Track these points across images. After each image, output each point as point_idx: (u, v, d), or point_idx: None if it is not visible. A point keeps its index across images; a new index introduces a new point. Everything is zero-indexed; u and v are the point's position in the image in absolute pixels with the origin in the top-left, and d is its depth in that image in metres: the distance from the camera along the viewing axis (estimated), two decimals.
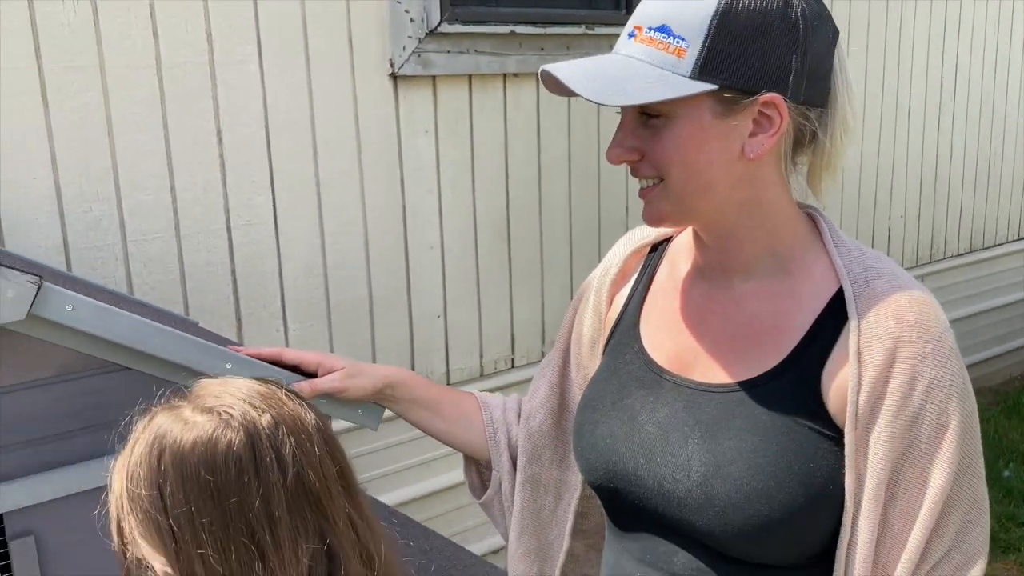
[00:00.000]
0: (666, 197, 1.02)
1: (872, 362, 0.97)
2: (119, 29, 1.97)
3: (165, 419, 0.79)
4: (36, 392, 1.05)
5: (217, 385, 0.82)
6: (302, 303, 2.32)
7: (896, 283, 1.01)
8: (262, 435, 0.77)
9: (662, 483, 1.04)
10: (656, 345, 1.13)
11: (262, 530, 0.75)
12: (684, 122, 0.98)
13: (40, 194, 1.93)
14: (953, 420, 0.97)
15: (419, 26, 2.38)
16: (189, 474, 0.75)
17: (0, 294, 0.95)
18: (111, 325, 1.05)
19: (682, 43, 0.96)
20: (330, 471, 0.80)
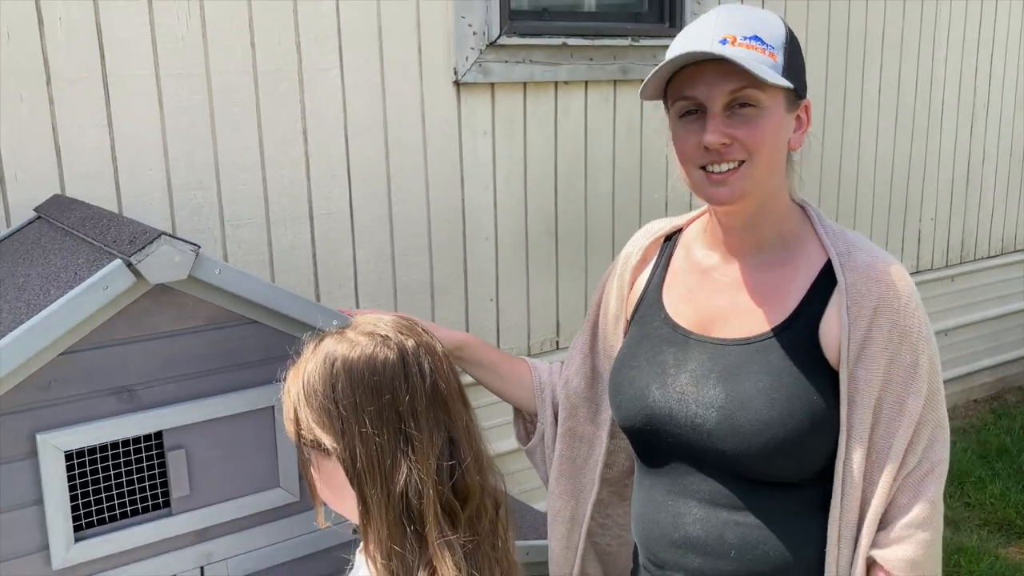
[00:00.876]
0: (750, 176, 1.26)
1: (858, 316, 1.26)
2: (223, 41, 2.27)
3: (332, 341, 1.05)
4: (191, 337, 1.34)
5: (372, 317, 1.08)
6: (372, 284, 2.61)
7: (872, 254, 1.30)
8: (409, 352, 1.03)
9: (694, 420, 1.31)
10: (679, 313, 1.40)
11: (408, 418, 1.00)
12: (772, 112, 1.25)
13: (153, 183, 2.24)
14: (922, 359, 1.26)
15: (480, 38, 2.66)
16: (356, 376, 1.00)
17: (170, 259, 1.24)
18: (247, 287, 1.34)
19: (773, 50, 1.24)
20: (454, 386, 1.06)
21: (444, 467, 1.01)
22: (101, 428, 1.29)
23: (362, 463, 0.99)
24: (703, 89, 1.24)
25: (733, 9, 1.26)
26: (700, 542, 1.31)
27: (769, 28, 1.25)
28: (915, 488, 1.27)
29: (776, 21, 1.27)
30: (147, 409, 1.32)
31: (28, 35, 2.04)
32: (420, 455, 0.99)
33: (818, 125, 3.63)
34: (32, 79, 2.06)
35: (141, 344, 1.30)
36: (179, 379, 1.34)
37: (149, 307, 1.30)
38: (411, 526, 0.98)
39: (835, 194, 3.73)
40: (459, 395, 1.07)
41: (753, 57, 1.22)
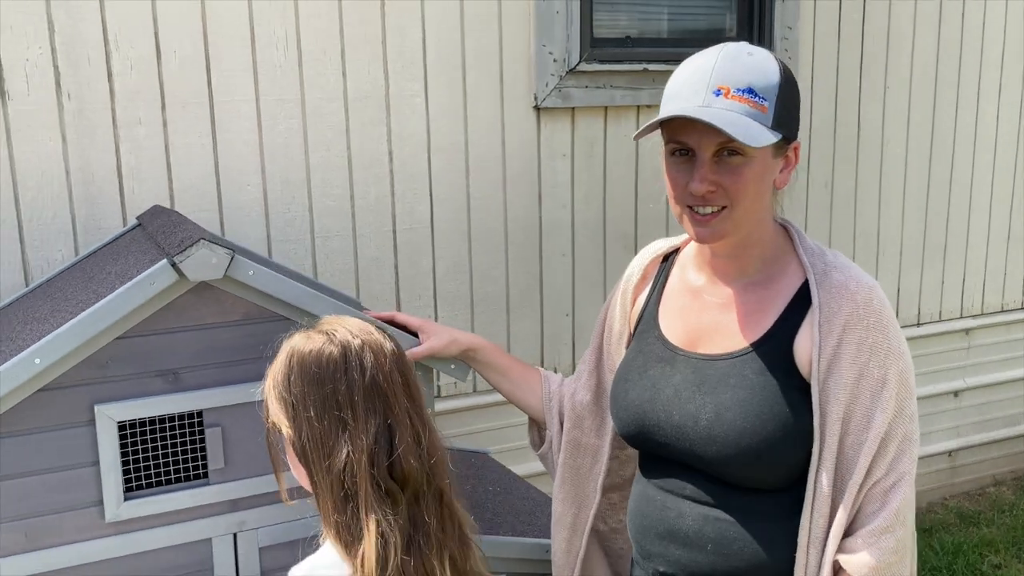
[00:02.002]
0: (731, 219, 1.35)
1: (830, 332, 1.33)
2: (316, 70, 2.51)
3: (297, 338, 1.22)
4: (229, 329, 1.54)
5: (334, 319, 1.25)
6: (450, 295, 2.79)
7: (847, 273, 1.36)
8: (352, 350, 1.18)
9: (678, 429, 1.40)
10: (671, 330, 1.49)
11: (346, 407, 1.15)
12: (758, 161, 1.33)
13: (251, 198, 2.50)
14: (891, 374, 1.32)
15: (561, 65, 2.80)
16: (305, 369, 1.17)
17: (208, 260, 1.45)
18: (278, 287, 1.54)
19: (764, 102, 1.31)
20: (396, 380, 1.20)
21: (379, 451, 1.15)
22: (149, 404, 1.50)
23: (308, 445, 1.15)
24: (694, 138, 1.32)
25: (733, 53, 1.33)
26: (682, 535, 1.40)
27: (764, 76, 1.31)
28: (881, 498, 1.31)
29: (772, 67, 1.32)
30: (189, 390, 1.53)
31: (148, 67, 2.34)
32: (355, 439, 1.14)
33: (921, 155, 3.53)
34: (150, 104, 2.35)
35: (186, 333, 1.51)
36: (218, 366, 1.55)
37: (193, 302, 1.51)
38: (350, 501, 1.13)
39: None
40: (403, 389, 1.20)
41: (743, 112, 1.29)
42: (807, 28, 3.21)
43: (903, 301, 3.64)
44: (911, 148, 3.52)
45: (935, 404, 3.79)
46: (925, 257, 3.66)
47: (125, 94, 2.33)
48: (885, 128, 3.45)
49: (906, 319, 3.66)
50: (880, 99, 3.42)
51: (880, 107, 3.42)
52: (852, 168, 3.41)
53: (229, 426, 1.57)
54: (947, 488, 3.94)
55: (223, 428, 1.57)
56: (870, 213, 3.48)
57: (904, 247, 3.60)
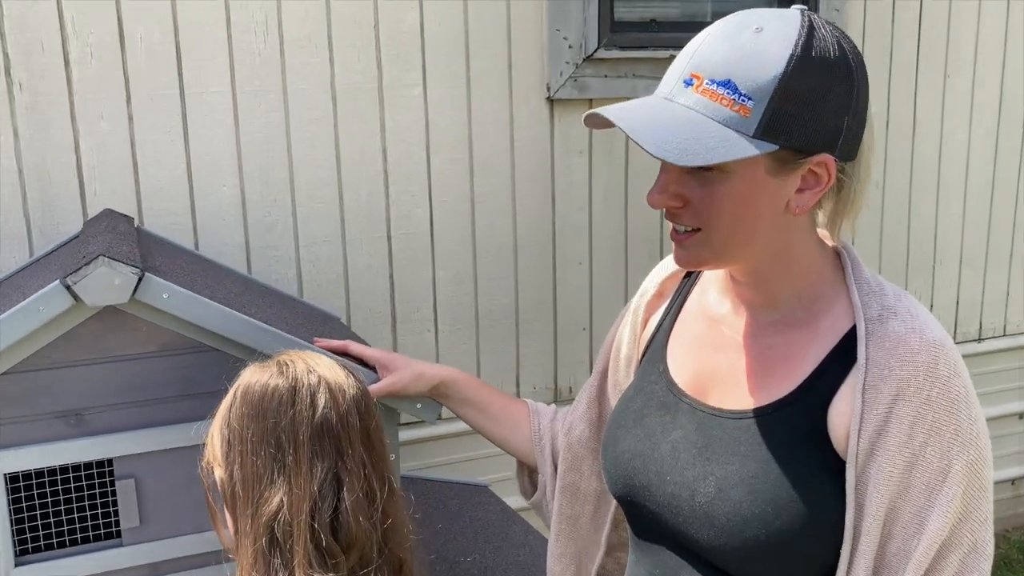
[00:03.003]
0: (707, 245, 1.04)
1: (876, 401, 0.99)
2: (300, 57, 2.26)
3: (251, 368, 1.10)
4: (145, 362, 1.29)
5: (295, 354, 1.12)
6: (452, 308, 2.51)
7: (910, 324, 1.01)
8: (304, 385, 1.05)
9: (671, 500, 1.10)
10: (679, 368, 1.19)
11: (288, 445, 1.01)
12: (739, 179, 1.00)
13: (228, 200, 2.25)
14: (956, 466, 0.98)
15: (576, 52, 2.51)
16: (248, 399, 1.04)
17: (109, 281, 1.19)
18: (199, 312, 1.28)
19: (748, 102, 0.95)
20: (354, 424, 1.05)
21: (322, 502, 0.98)
22: (46, 452, 1.26)
23: (238, 485, 1.02)
24: None
25: (732, 28, 1.00)
26: None
27: (758, 66, 0.96)
28: None
29: (779, 53, 0.96)
30: (97, 435, 1.29)
31: (110, 54, 2.10)
32: (295, 485, 1.00)
33: None
34: (113, 97, 2.12)
35: (91, 367, 1.26)
36: (132, 405, 1.29)
37: (100, 330, 1.26)
38: (277, 558, 0.96)
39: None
40: (361, 437, 1.05)
41: (710, 112, 0.96)
42: (857, 10, 2.88)
43: (963, 314, 3.29)
44: (974, 144, 3.16)
45: (998, 427, 3.43)
46: (988, 265, 3.30)
47: (85, 85, 2.09)
48: (944, 122, 3.10)
49: (966, 334, 3.31)
50: (939, 89, 3.06)
51: (939, 98, 3.07)
52: (907, 166, 3.07)
53: (145, 477, 1.32)
54: (1010, 519, 3.57)
55: (138, 479, 1.31)
56: (927, 216, 3.14)
57: (965, 254, 3.24)
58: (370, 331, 2.42)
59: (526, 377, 2.63)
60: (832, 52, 0.97)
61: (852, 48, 1.01)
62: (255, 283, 1.97)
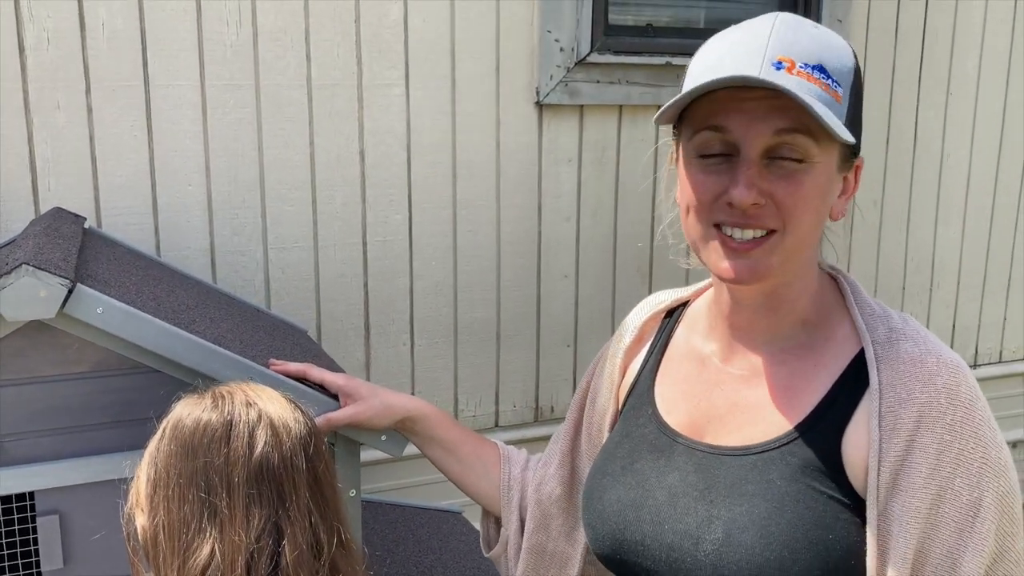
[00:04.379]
0: (781, 250, 0.95)
1: (895, 430, 0.90)
2: (275, 51, 2.12)
3: (184, 401, 0.97)
4: (73, 384, 1.16)
5: (236, 385, 1.00)
6: (430, 320, 2.38)
7: (924, 345, 0.93)
8: (241, 420, 0.92)
9: (670, 552, 0.99)
10: (670, 409, 1.08)
11: (220, 488, 0.89)
12: (822, 170, 0.94)
13: (192, 199, 2.11)
14: (987, 497, 0.89)
15: (568, 55, 2.38)
16: (178, 435, 0.92)
17: (34, 293, 1.05)
18: (137, 330, 1.14)
19: (838, 88, 0.93)
20: (300, 467, 0.93)
21: (259, 556, 0.86)
22: None
23: (162, 533, 0.89)
24: (741, 123, 0.92)
25: (796, 21, 0.94)
26: None
27: (838, 56, 0.93)
28: None
29: (845, 47, 0.95)
30: (15, 465, 1.14)
31: (69, 41, 1.96)
32: (228, 535, 0.87)
33: None
34: (71, 87, 1.98)
35: (11, 389, 1.12)
36: (57, 432, 1.15)
37: (23, 347, 1.12)
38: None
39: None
40: (308, 481, 0.92)
41: (815, 94, 0.90)
42: (859, 22, 2.77)
43: (959, 338, 3.18)
44: (975, 163, 3.06)
45: None
46: (987, 288, 3.20)
47: (40, 73, 1.95)
48: (946, 139, 3.00)
49: None
50: (942, 106, 2.96)
51: (941, 115, 2.97)
52: (906, 184, 2.96)
53: (71, 513, 1.18)
54: None
55: (62, 515, 1.17)
56: (925, 236, 3.03)
57: (963, 276, 3.14)
58: (342, 343, 2.29)
59: (506, 394, 2.50)
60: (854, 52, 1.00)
61: None
62: (216, 292, 1.83)
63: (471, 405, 2.46)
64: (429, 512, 2.03)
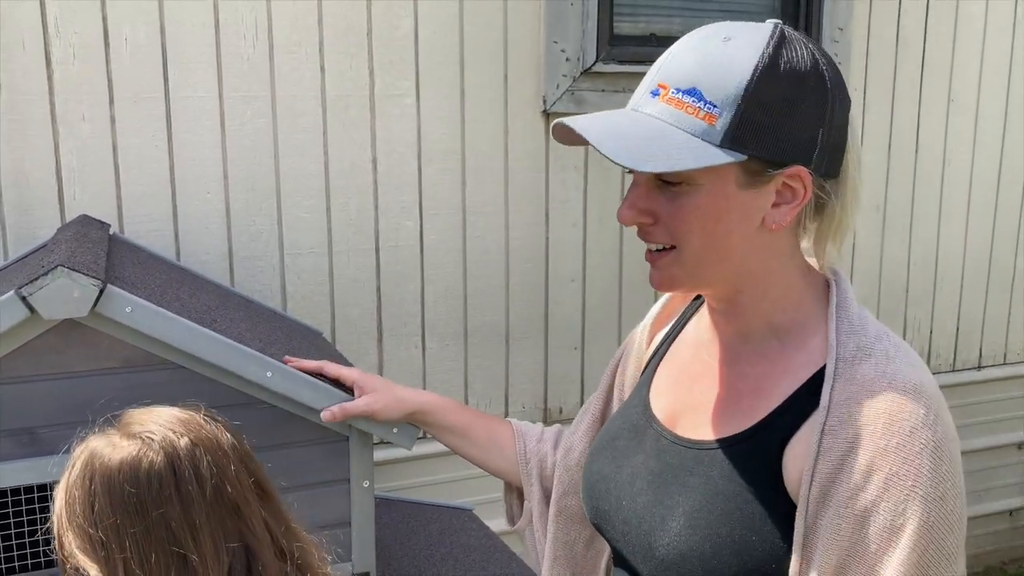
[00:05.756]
0: (679, 264, 1.00)
1: (831, 448, 0.92)
2: (290, 64, 2.20)
3: (96, 444, 0.90)
4: (103, 379, 1.22)
5: (142, 413, 0.93)
6: (440, 324, 2.45)
7: (883, 367, 0.94)
8: (180, 454, 0.87)
9: (624, 527, 1.07)
10: (659, 393, 1.14)
11: (185, 536, 0.84)
12: (708, 191, 0.96)
13: (211, 207, 2.19)
14: (911, 524, 0.88)
15: (574, 65, 2.45)
16: (115, 491, 0.85)
17: (68, 293, 1.13)
18: (164, 328, 1.21)
19: (713, 110, 0.93)
20: (246, 483, 0.89)
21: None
22: None
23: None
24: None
25: (702, 38, 0.97)
26: None
27: (724, 74, 0.93)
28: None
29: (746, 61, 0.93)
30: (51, 455, 1.21)
31: (94, 55, 2.04)
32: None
33: None
34: (96, 99, 2.06)
35: (46, 383, 1.19)
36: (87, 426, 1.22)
37: (57, 344, 1.19)
38: None
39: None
40: (254, 491, 0.90)
41: (675, 121, 0.93)
42: (861, 30, 2.83)
43: (963, 341, 3.22)
44: (977, 167, 3.11)
45: (996, 457, 3.36)
46: (990, 290, 3.24)
47: (66, 86, 2.03)
48: (948, 144, 3.05)
49: (966, 361, 3.24)
50: (943, 112, 3.01)
51: (943, 120, 3.02)
52: (908, 188, 3.01)
53: None
54: (1007, 551, 3.50)
55: None
56: (928, 239, 3.08)
57: (966, 278, 3.18)
58: (355, 346, 2.35)
59: (515, 396, 2.56)
60: (804, 63, 0.95)
61: (829, 63, 0.98)
62: (235, 295, 1.90)
63: (481, 406, 2.52)
64: (440, 509, 2.09)
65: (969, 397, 3.25)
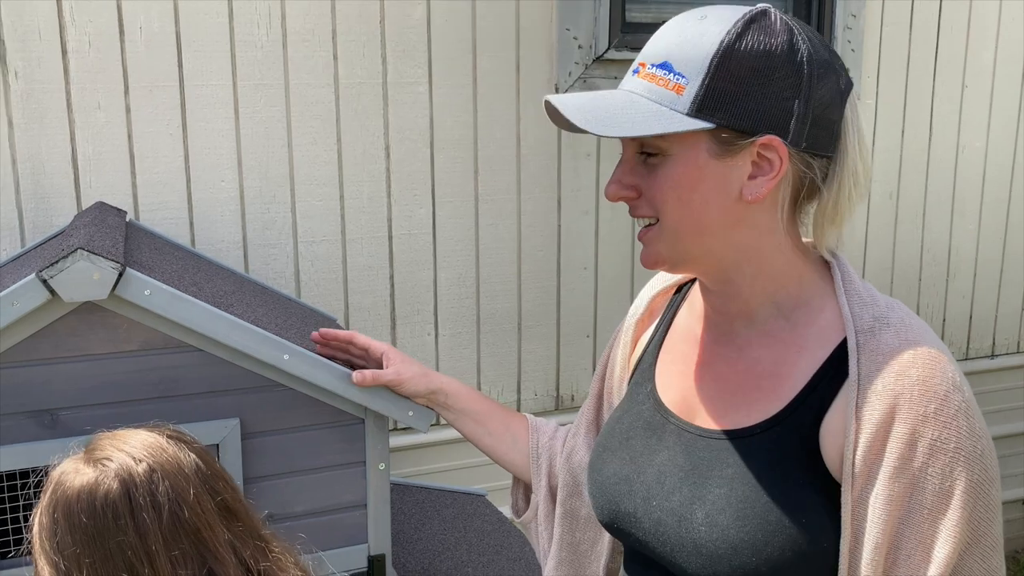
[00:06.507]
0: (662, 239, 1.01)
1: (870, 420, 0.93)
2: (303, 52, 2.21)
3: (63, 468, 0.91)
4: (124, 361, 1.24)
5: (106, 438, 0.93)
6: (453, 311, 2.46)
7: (904, 335, 0.96)
8: (136, 481, 0.86)
9: (658, 527, 1.05)
10: (667, 387, 1.14)
11: (141, 565, 0.85)
12: (680, 160, 0.98)
13: (225, 194, 2.20)
14: (959, 486, 0.91)
15: (586, 52, 2.45)
16: (73, 521, 0.86)
17: (88, 276, 1.14)
18: (182, 311, 1.23)
19: (681, 80, 0.96)
20: (207, 506, 0.89)
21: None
22: (18, 452, 1.21)
23: None
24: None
25: (681, 18, 1.01)
26: None
27: (693, 47, 0.96)
28: None
29: (712, 35, 0.96)
30: (72, 436, 1.23)
31: (109, 44, 2.06)
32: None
33: None
34: (111, 88, 2.07)
35: (67, 365, 1.21)
36: (110, 406, 1.24)
37: (77, 327, 1.21)
38: None
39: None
40: (218, 513, 0.89)
41: (646, 93, 0.98)
42: (874, 17, 2.82)
43: (976, 328, 3.22)
44: (991, 155, 3.09)
45: (1010, 445, 3.36)
46: (1004, 278, 3.23)
47: (82, 74, 2.05)
48: (962, 132, 3.03)
49: (979, 350, 3.24)
50: (957, 99, 3.00)
51: (957, 108, 3.01)
52: (922, 177, 3.00)
53: None
54: (1019, 540, 3.50)
55: None
56: (941, 227, 3.07)
57: (979, 266, 3.17)
58: (368, 332, 2.37)
59: (527, 383, 2.57)
60: (776, 36, 0.96)
61: (811, 40, 0.98)
62: (250, 281, 1.92)
63: (493, 393, 2.53)
64: (455, 494, 2.11)
65: (983, 385, 3.24)
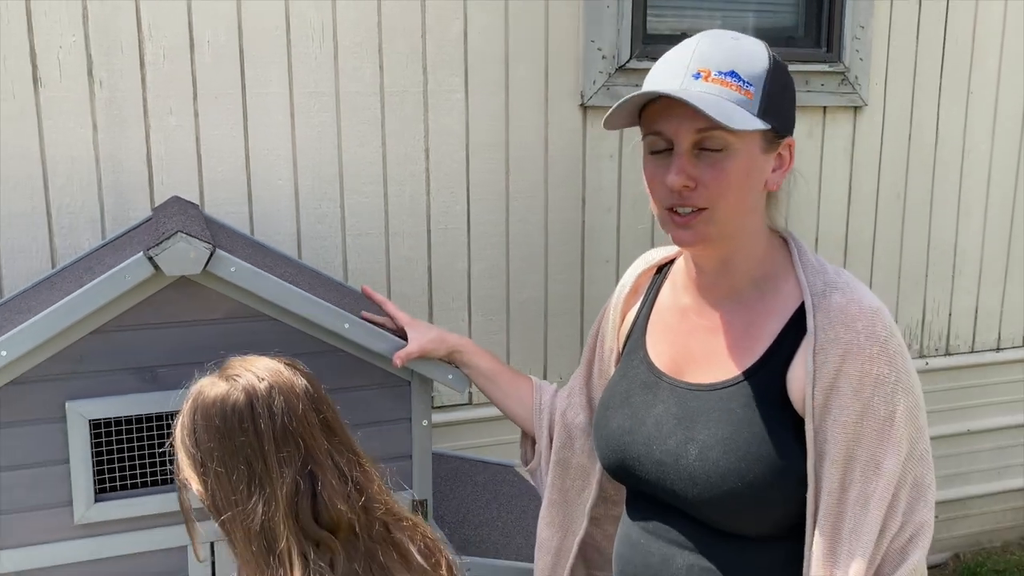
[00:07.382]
0: (712, 221, 1.20)
1: (825, 363, 1.16)
2: (353, 63, 2.44)
3: (202, 383, 1.13)
4: (211, 327, 1.48)
5: (238, 360, 1.15)
6: (485, 299, 2.68)
7: (849, 295, 1.19)
8: (258, 395, 1.08)
9: (659, 467, 1.27)
10: (658, 353, 1.36)
11: (256, 460, 1.07)
12: (743, 155, 1.19)
13: (282, 192, 2.44)
14: (899, 410, 1.15)
15: (610, 62, 2.66)
16: (209, 422, 1.08)
17: (186, 255, 1.38)
18: (261, 285, 1.46)
19: (749, 87, 1.17)
20: (312, 420, 1.10)
21: (301, 501, 1.06)
22: (124, 402, 1.44)
23: (220, 502, 1.07)
24: (671, 125, 1.19)
25: (717, 37, 1.21)
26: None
27: (750, 61, 1.18)
28: (898, 556, 1.15)
29: (760, 53, 1.20)
30: (167, 390, 1.47)
31: (181, 57, 2.30)
32: (272, 493, 1.05)
33: None
34: (181, 95, 2.32)
35: (164, 330, 1.45)
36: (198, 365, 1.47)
37: (174, 297, 1.45)
38: (273, 555, 1.04)
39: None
40: (322, 428, 1.11)
41: (724, 95, 1.15)
42: (882, 27, 3.00)
43: (981, 323, 3.38)
44: (996, 157, 3.26)
45: (1015, 436, 3.52)
46: (1009, 274, 3.40)
47: (157, 83, 2.30)
48: (967, 135, 3.21)
49: (985, 343, 3.40)
50: (963, 103, 3.17)
51: (962, 112, 3.18)
52: (928, 177, 3.18)
53: None
54: (1020, 528, 3.65)
55: None
56: (947, 225, 3.24)
57: (985, 263, 3.34)
58: None
59: (553, 364, 2.79)
60: (780, 58, 1.23)
61: None
62: (306, 267, 2.15)
63: None
64: (487, 464, 2.33)
65: (989, 378, 3.41)
